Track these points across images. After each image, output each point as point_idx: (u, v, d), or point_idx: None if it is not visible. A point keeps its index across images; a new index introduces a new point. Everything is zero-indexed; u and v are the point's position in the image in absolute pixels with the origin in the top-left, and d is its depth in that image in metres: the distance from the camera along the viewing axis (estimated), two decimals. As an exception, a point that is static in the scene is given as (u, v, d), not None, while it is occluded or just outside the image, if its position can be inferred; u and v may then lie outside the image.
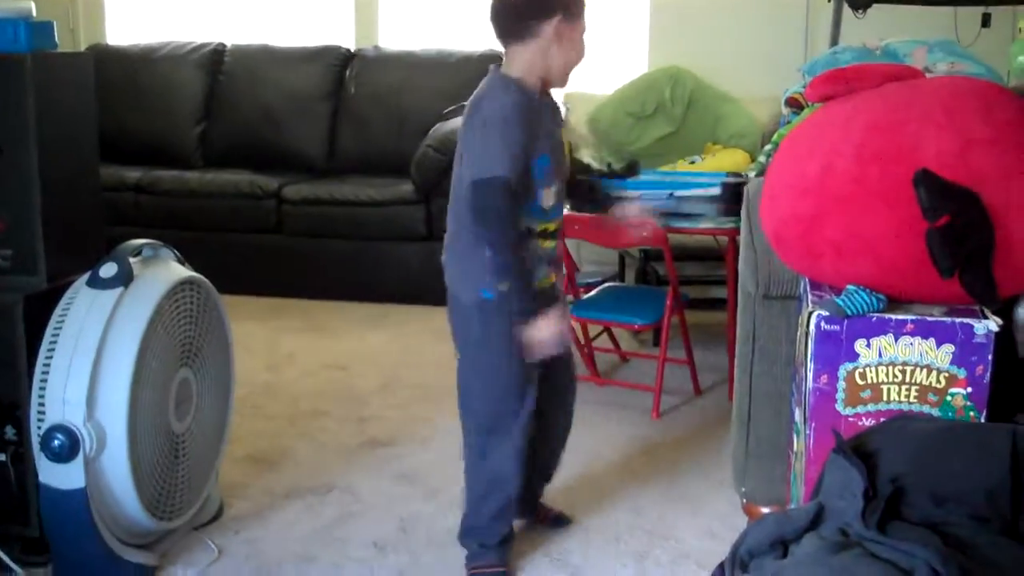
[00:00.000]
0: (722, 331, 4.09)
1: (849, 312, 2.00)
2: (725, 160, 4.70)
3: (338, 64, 5.76)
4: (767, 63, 5.09)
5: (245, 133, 5.73)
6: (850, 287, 2.04)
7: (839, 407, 2.06)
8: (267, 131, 5.67)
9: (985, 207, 1.91)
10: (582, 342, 4.05)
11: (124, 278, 2.49)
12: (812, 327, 2.04)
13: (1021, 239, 1.95)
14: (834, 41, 4.19)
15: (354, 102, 5.67)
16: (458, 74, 5.41)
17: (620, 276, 4.94)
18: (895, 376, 2.03)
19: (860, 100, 2.09)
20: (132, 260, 2.55)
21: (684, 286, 3.96)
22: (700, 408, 3.83)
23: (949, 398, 2.02)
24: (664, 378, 3.78)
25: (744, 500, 2.83)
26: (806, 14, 5.21)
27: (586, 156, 4.48)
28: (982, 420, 2.01)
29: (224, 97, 5.83)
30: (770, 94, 4.11)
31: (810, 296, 2.12)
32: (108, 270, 2.49)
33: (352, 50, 5.82)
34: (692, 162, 4.74)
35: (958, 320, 1.98)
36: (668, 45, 5.39)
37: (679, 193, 3.96)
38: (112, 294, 2.46)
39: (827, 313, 2.02)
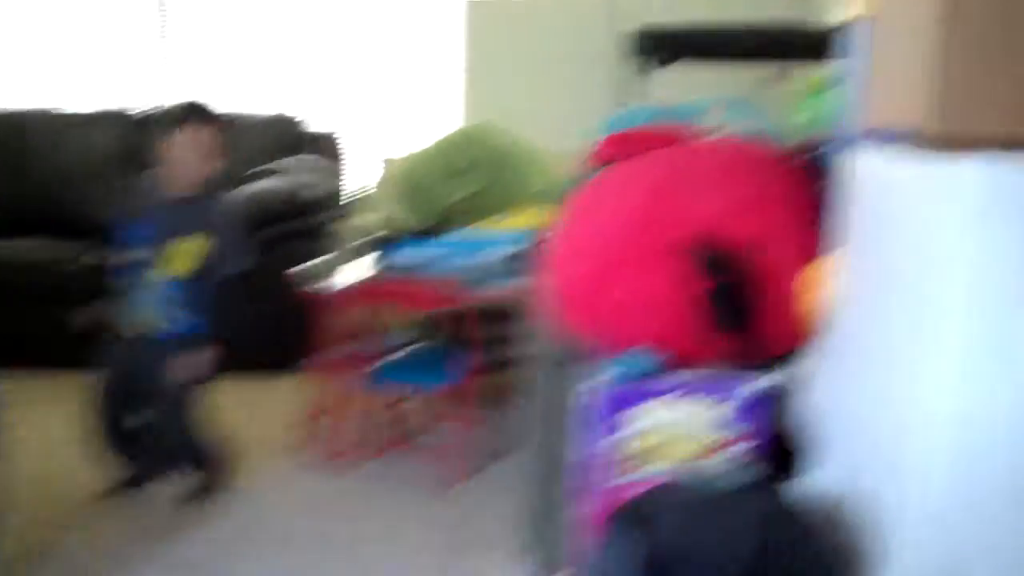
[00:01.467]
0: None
1: (626, 378, 1.95)
2: (532, 218, 4.68)
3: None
4: (579, 119, 5.12)
5: None
6: (630, 350, 2.00)
7: (619, 473, 2.01)
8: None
9: (758, 269, 1.90)
10: (385, 407, 3.94)
11: None
12: (592, 392, 1.98)
13: (791, 300, 1.95)
14: (637, 98, 4.23)
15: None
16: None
17: (431, 338, 4.84)
18: (675, 438, 1.98)
19: (640, 163, 2.08)
20: None
21: (493, 346, 3.90)
22: (499, 474, 3.75)
23: (728, 457, 1.98)
24: (465, 443, 3.71)
25: (533, 571, 2.75)
26: (610, 72, 5.27)
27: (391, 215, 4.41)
28: (762, 477, 1.99)
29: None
30: (580, 147, 4.11)
31: (593, 360, 2.07)
32: None
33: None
34: (502, 219, 4.71)
35: (734, 379, 1.96)
36: (481, 101, 5.37)
37: (483, 253, 3.91)
38: None
39: (607, 378, 1.97)
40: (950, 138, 1.45)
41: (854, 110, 1.96)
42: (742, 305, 1.86)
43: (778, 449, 2.01)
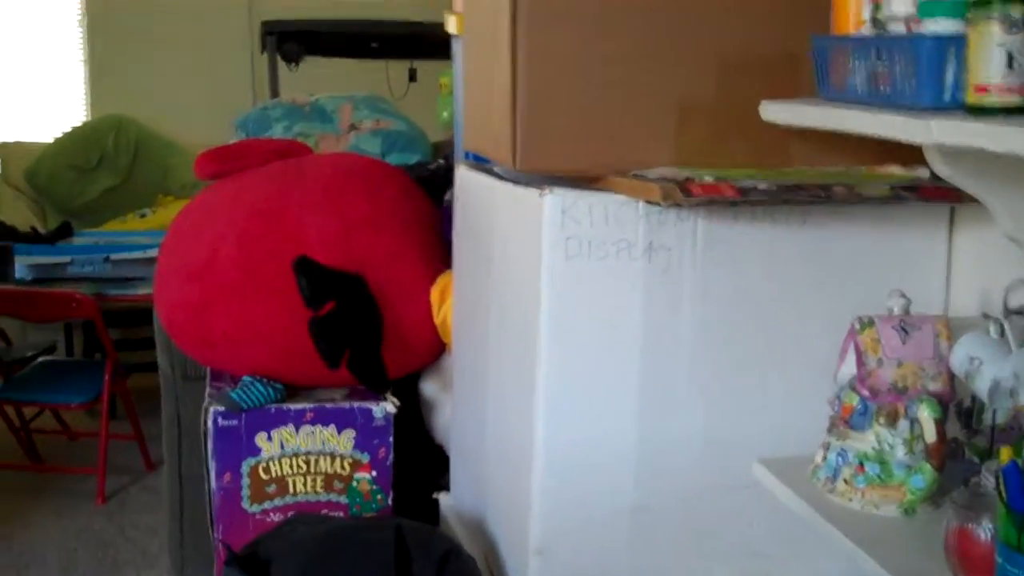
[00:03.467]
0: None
1: (245, 406, 1.90)
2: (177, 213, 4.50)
3: None
4: (216, 112, 4.94)
5: None
6: (246, 379, 1.94)
7: (245, 505, 1.96)
8: None
9: (371, 290, 1.88)
10: (17, 425, 3.67)
11: None
12: (210, 424, 1.91)
13: (410, 319, 1.96)
14: (274, 93, 4.12)
15: None
16: None
17: (68, 348, 4.55)
18: (300, 467, 1.95)
19: (245, 180, 2.01)
20: None
21: (133, 351, 3.71)
22: (152, 486, 3.58)
23: (355, 483, 1.98)
24: (112, 457, 3.51)
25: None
26: (251, 64, 5.13)
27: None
28: (389, 502, 2.00)
29: None
30: (222, 140, 3.98)
31: (208, 388, 2.00)
32: None
33: None
34: (143, 215, 4.49)
35: (356, 404, 1.95)
36: (109, 93, 5.06)
37: (115, 257, 3.69)
38: None
39: (223, 408, 1.91)
40: (531, 174, 1.50)
41: (459, 126, 1.99)
42: (359, 330, 1.84)
43: (408, 472, 2.02)
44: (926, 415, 1.35)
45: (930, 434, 1.35)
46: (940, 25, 1.19)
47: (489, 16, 1.57)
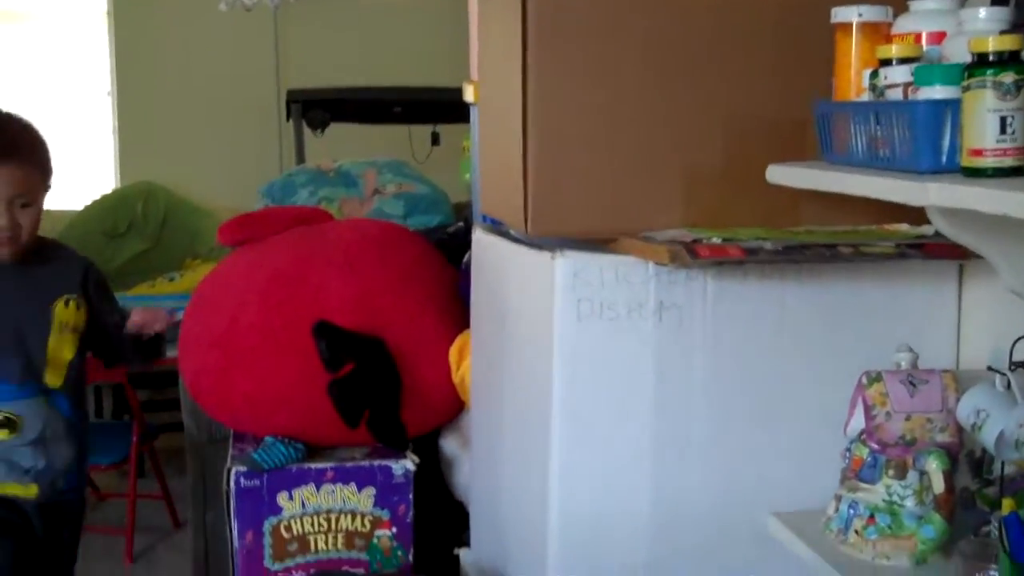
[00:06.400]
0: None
1: (267, 466, 1.94)
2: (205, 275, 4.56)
3: None
4: (244, 178, 5.03)
5: None
6: (268, 439, 1.98)
7: (268, 563, 1.99)
8: None
9: (390, 352, 1.93)
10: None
11: None
12: (232, 484, 1.95)
13: (430, 379, 2.00)
14: (300, 159, 4.22)
15: None
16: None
17: (97, 410, 4.61)
18: (321, 525, 1.99)
19: (268, 247, 2.06)
20: None
21: (160, 412, 3.76)
22: (179, 545, 3.61)
23: (376, 540, 2.01)
24: (140, 516, 3.54)
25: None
26: (278, 131, 5.23)
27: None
28: (409, 559, 2.02)
29: None
30: (249, 206, 4.05)
31: (231, 449, 2.04)
32: None
33: None
34: (171, 279, 4.56)
35: (376, 463, 1.98)
36: (138, 161, 5.17)
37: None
38: None
39: (245, 469, 1.95)
40: (544, 236, 1.55)
41: (477, 190, 2.04)
42: (378, 392, 1.88)
43: (429, 528, 2.05)
44: (934, 467, 1.38)
45: (939, 485, 1.37)
46: (936, 91, 1.24)
47: (502, 85, 1.62)
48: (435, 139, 4.16)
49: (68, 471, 2.03)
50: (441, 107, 3.76)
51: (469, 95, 2.05)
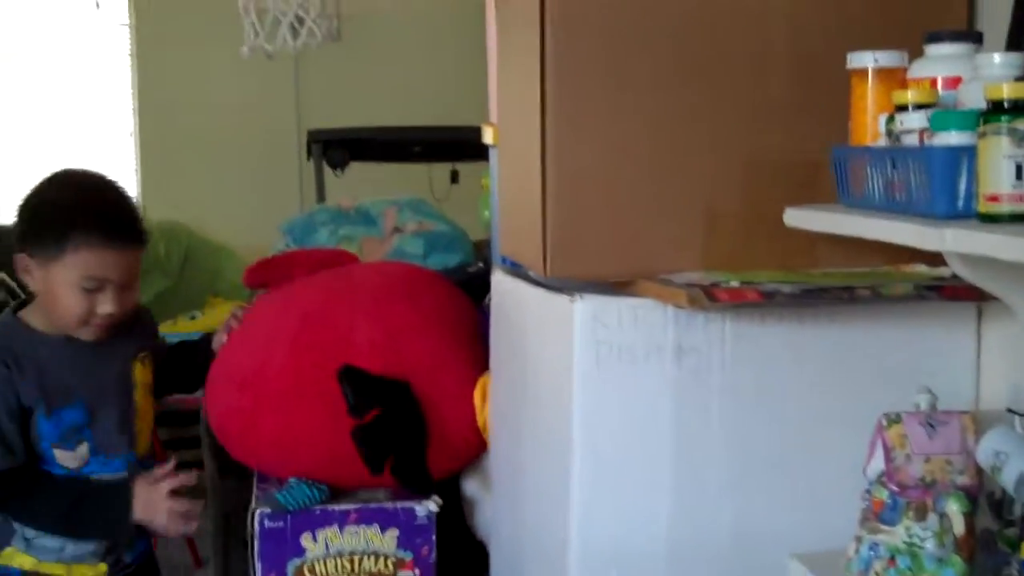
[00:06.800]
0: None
1: (290, 507, 1.95)
2: (227, 313, 4.59)
3: None
4: (265, 217, 5.08)
5: None
6: (291, 480, 1.99)
7: (294, 603, 1.99)
8: None
9: (416, 396, 1.94)
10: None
11: None
12: (255, 526, 1.96)
13: (455, 422, 2.01)
14: (320, 198, 4.26)
15: None
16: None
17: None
18: (344, 567, 1.99)
19: (296, 289, 2.09)
20: None
21: (181, 450, 3.76)
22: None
23: (400, 583, 2.01)
24: (161, 555, 3.52)
25: None
26: (299, 170, 5.28)
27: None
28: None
29: None
30: (270, 244, 4.09)
31: (255, 491, 2.05)
32: None
33: None
34: (193, 317, 4.59)
35: (400, 505, 1.99)
36: (161, 200, 5.22)
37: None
38: None
39: (269, 510, 1.96)
40: (563, 279, 1.56)
41: (496, 233, 2.06)
42: (403, 437, 1.89)
43: (451, 569, 2.05)
44: (954, 509, 1.37)
45: (959, 527, 1.37)
46: (952, 137, 1.25)
47: (521, 127, 1.65)
48: (454, 177, 4.19)
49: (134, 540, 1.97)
50: (460, 146, 3.79)
51: (488, 137, 2.07)
